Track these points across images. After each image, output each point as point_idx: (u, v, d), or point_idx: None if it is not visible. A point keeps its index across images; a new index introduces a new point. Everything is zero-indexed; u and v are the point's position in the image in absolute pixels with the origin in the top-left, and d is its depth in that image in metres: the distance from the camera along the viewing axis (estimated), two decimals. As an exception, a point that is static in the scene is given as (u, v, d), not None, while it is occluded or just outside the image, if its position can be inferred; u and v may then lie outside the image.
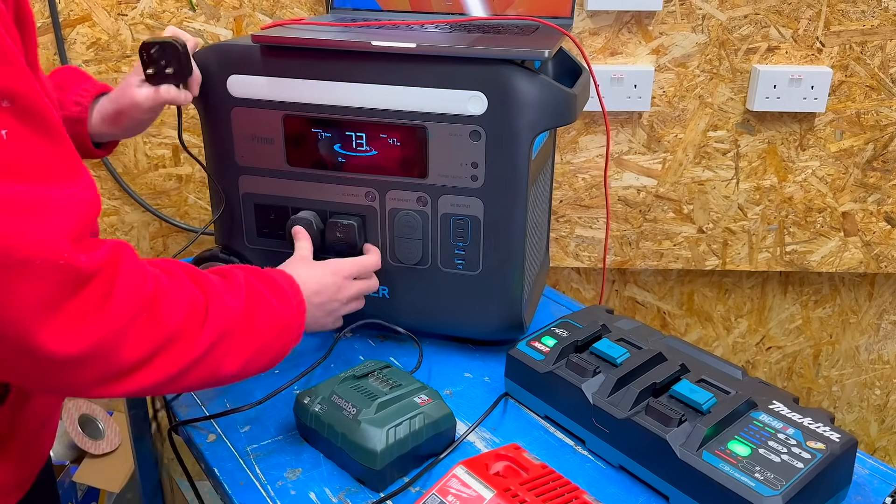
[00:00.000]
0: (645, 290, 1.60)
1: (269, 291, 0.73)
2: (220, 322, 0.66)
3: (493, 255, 0.91)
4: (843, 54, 1.35)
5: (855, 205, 1.45)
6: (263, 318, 0.71)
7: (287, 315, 0.74)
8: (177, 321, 0.62)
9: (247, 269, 0.75)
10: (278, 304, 0.73)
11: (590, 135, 1.42)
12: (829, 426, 0.73)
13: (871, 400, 1.67)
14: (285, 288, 0.75)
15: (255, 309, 0.70)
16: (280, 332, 0.73)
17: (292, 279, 0.78)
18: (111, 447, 1.56)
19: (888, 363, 1.63)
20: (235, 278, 0.71)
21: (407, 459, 0.77)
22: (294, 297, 0.76)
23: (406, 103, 0.86)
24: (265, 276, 0.75)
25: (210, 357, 0.65)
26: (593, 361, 0.82)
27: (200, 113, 0.94)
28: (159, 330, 0.60)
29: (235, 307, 0.68)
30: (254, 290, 0.71)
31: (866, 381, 1.65)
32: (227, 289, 0.69)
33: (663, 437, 0.72)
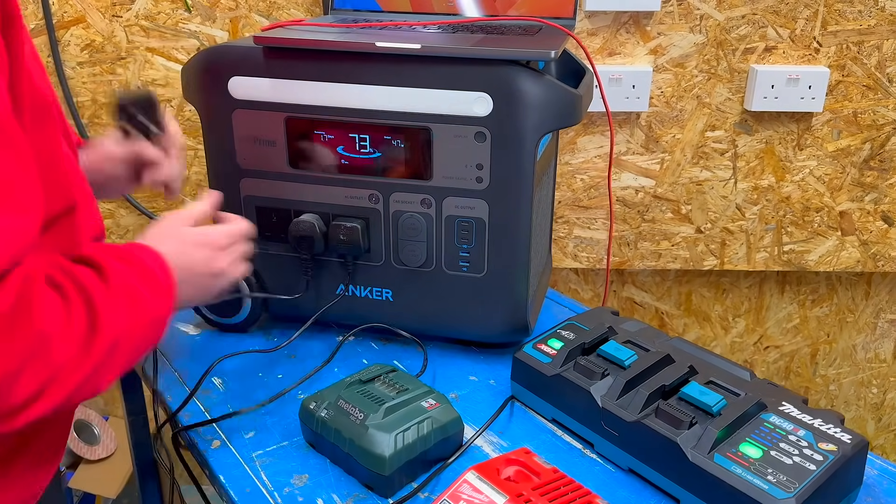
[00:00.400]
0: (643, 290, 1.60)
1: (143, 283, 0.67)
2: (106, 339, 0.61)
3: (498, 258, 0.90)
4: (840, 54, 1.36)
5: (852, 204, 1.45)
6: (141, 318, 0.66)
7: (160, 306, 0.68)
8: (68, 353, 0.58)
9: (112, 253, 0.68)
10: (151, 297, 0.67)
11: (588, 135, 1.42)
12: (840, 427, 0.72)
13: (868, 398, 1.67)
14: (157, 273, 0.69)
15: (133, 311, 0.65)
16: (154, 326, 0.68)
17: (162, 260, 0.71)
18: (107, 452, 1.54)
19: (885, 361, 1.64)
20: (114, 277, 0.64)
21: (415, 464, 0.76)
22: (165, 283, 0.70)
23: (410, 105, 0.85)
24: (137, 264, 0.68)
25: (94, 375, 0.61)
26: (601, 364, 0.82)
27: (201, 115, 0.93)
28: (50, 367, 0.57)
29: (121, 317, 0.63)
30: (130, 289, 0.65)
31: (863, 379, 1.66)
32: (110, 295, 0.63)
33: (674, 440, 0.72)
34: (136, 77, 1.36)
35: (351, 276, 0.94)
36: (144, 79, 1.36)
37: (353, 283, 0.95)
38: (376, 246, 0.93)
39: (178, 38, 1.35)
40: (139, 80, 1.36)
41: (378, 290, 0.95)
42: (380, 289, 0.95)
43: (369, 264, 0.94)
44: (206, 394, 0.89)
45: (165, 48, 1.35)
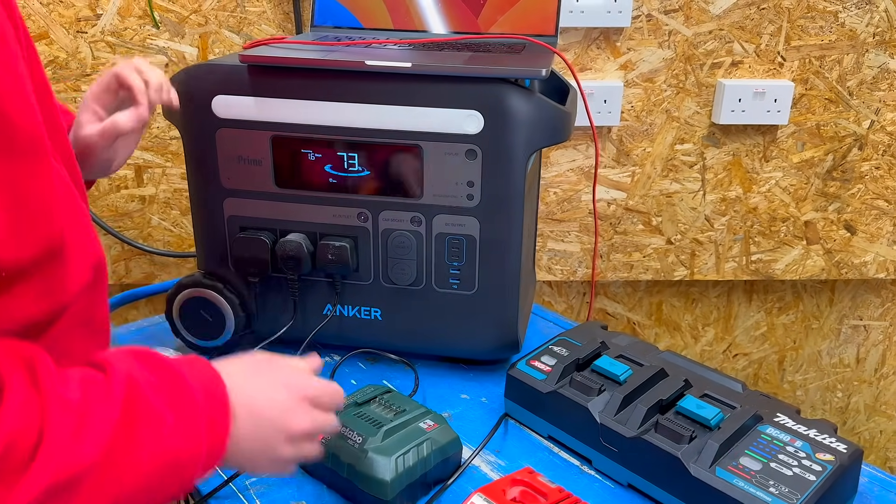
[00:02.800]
0: (615, 301, 1.61)
1: (172, 409, 0.50)
2: (51, 471, 0.44)
3: (489, 274, 0.90)
4: (803, 68, 1.39)
5: (816, 214, 1.49)
6: (144, 460, 0.48)
7: (188, 449, 0.51)
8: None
9: (148, 360, 0.53)
10: (176, 433, 0.50)
11: (561, 149, 1.43)
12: (835, 437, 0.74)
13: (834, 403, 1.72)
14: (198, 404, 0.52)
15: (132, 449, 0.48)
16: (171, 468, 0.50)
17: (223, 389, 0.54)
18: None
19: (848, 366, 1.68)
20: (113, 385, 0.49)
21: (415, 487, 0.75)
22: (211, 420, 0.52)
23: (400, 123, 0.85)
24: (175, 384, 0.52)
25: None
26: (597, 379, 0.82)
27: (183, 134, 0.91)
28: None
29: (91, 445, 0.46)
30: (136, 406, 0.49)
31: (828, 384, 1.70)
32: (89, 410, 0.47)
33: (675, 455, 0.72)
34: (102, 94, 1.32)
35: (339, 296, 0.93)
36: (111, 96, 1.33)
37: (341, 303, 0.94)
38: (365, 265, 0.92)
39: (146, 54, 1.32)
40: (105, 97, 1.33)
41: (367, 309, 0.94)
42: (368, 308, 0.94)
43: (358, 283, 0.93)
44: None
45: (135, 64, 1.32)
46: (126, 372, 0.50)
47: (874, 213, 1.49)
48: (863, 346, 1.66)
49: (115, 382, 0.48)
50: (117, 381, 0.49)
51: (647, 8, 1.35)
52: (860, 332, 1.65)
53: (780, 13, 1.36)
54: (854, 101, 1.41)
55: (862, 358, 1.67)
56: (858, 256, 1.52)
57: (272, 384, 0.59)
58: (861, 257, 1.52)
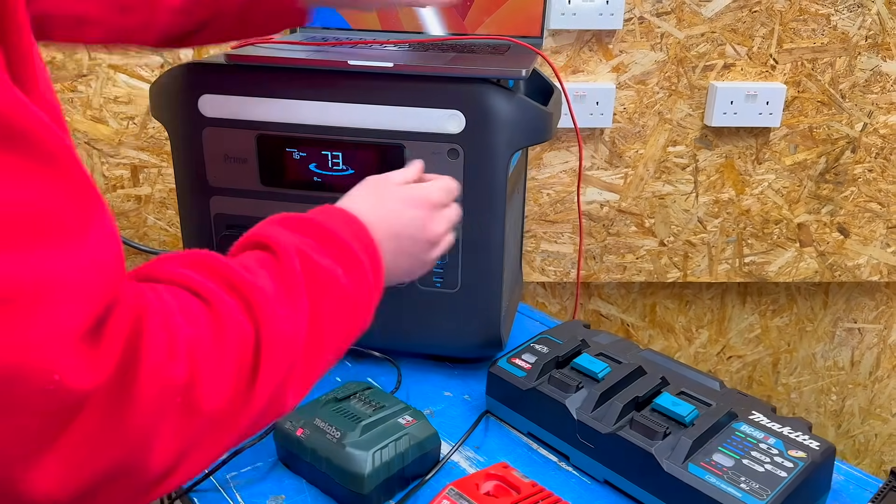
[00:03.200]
0: (609, 302, 1.62)
1: (334, 259, 0.54)
2: (277, 367, 0.48)
3: (471, 273, 0.91)
4: (795, 71, 1.40)
5: (809, 216, 1.50)
6: (333, 318, 0.53)
7: (363, 292, 0.55)
8: (221, 401, 0.45)
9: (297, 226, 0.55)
10: (349, 283, 0.54)
11: (554, 151, 1.44)
12: (808, 434, 0.74)
13: (828, 406, 1.71)
14: (354, 248, 0.55)
15: (320, 307, 0.52)
16: (355, 318, 0.55)
17: (362, 227, 0.58)
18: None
19: (843, 369, 1.68)
20: (288, 263, 0.51)
21: (393, 482, 0.76)
22: (368, 260, 0.56)
23: (383, 122, 0.86)
24: (331, 239, 0.55)
25: (266, 413, 0.49)
26: (575, 377, 0.83)
27: (170, 133, 0.92)
28: (195, 423, 0.44)
29: (298, 327, 0.50)
30: (315, 274, 0.52)
31: (823, 387, 1.70)
32: (284, 296, 0.50)
33: (649, 451, 0.73)
34: (98, 94, 1.34)
35: (323, 294, 0.94)
36: (106, 96, 1.35)
37: (326, 301, 0.95)
38: (349, 263, 0.93)
39: (142, 54, 1.34)
40: (101, 98, 1.35)
41: (351, 307, 0.95)
42: (353, 306, 0.95)
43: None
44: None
45: (128, 65, 1.34)
46: (293, 245, 0.52)
47: (867, 216, 1.49)
48: (857, 348, 1.66)
49: (289, 260, 0.51)
50: (290, 257, 0.51)
51: (639, 10, 1.35)
52: (854, 335, 1.65)
53: (772, 16, 1.36)
54: (847, 104, 1.42)
55: (856, 361, 1.67)
56: (852, 259, 1.52)
57: (401, 206, 0.64)
58: (854, 260, 1.52)
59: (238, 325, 0.47)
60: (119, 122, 1.37)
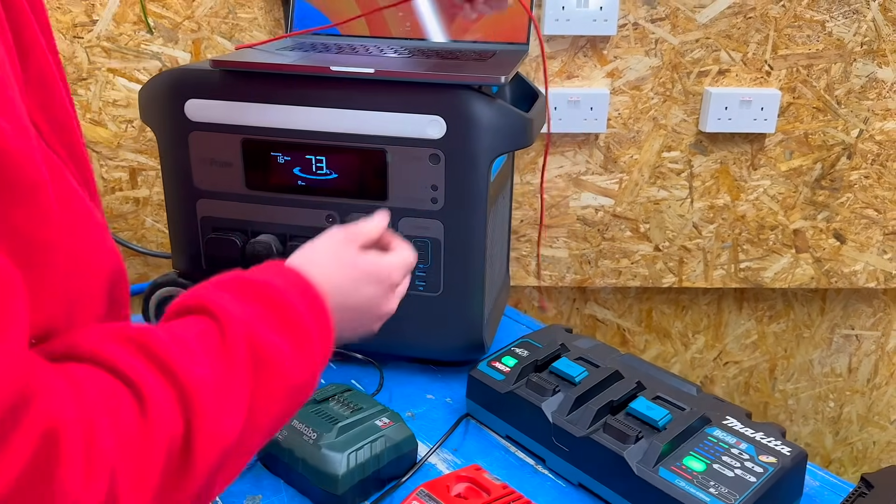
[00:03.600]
0: (605, 307, 1.62)
1: (288, 339, 0.51)
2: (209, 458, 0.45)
3: (453, 277, 0.92)
4: (790, 77, 1.40)
5: (805, 222, 1.49)
6: (272, 394, 0.50)
7: (306, 373, 0.52)
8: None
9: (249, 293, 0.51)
10: (295, 364, 0.51)
11: (548, 156, 1.44)
12: (781, 440, 0.74)
13: (826, 412, 1.71)
14: (308, 325, 0.53)
15: (260, 391, 0.48)
16: (296, 393, 0.52)
17: (320, 299, 0.55)
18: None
19: (840, 376, 1.67)
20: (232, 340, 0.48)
21: (368, 483, 0.77)
22: (321, 334, 0.54)
23: (365, 127, 0.87)
24: (284, 311, 0.52)
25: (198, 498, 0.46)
26: (552, 380, 0.83)
27: (158, 137, 0.94)
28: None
29: (235, 425, 0.47)
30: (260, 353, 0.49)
31: (820, 394, 1.69)
32: (225, 392, 0.46)
33: (620, 455, 0.73)
34: (97, 98, 1.36)
35: (308, 296, 0.95)
36: (105, 99, 1.37)
37: (311, 303, 0.96)
38: (333, 266, 0.94)
39: (140, 59, 1.36)
40: (100, 101, 1.37)
41: (335, 309, 0.96)
42: (337, 308, 0.96)
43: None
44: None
45: (127, 69, 1.36)
46: (241, 321, 0.49)
47: (864, 223, 1.48)
48: (855, 355, 1.65)
49: (236, 340, 0.48)
50: (237, 338, 0.48)
51: (633, 16, 1.36)
52: (852, 342, 1.64)
53: (766, 22, 1.36)
54: (842, 110, 1.41)
55: (854, 368, 1.66)
56: (848, 265, 1.52)
57: (360, 280, 0.62)
58: (851, 266, 1.52)
59: (169, 421, 0.43)
60: (118, 125, 1.39)
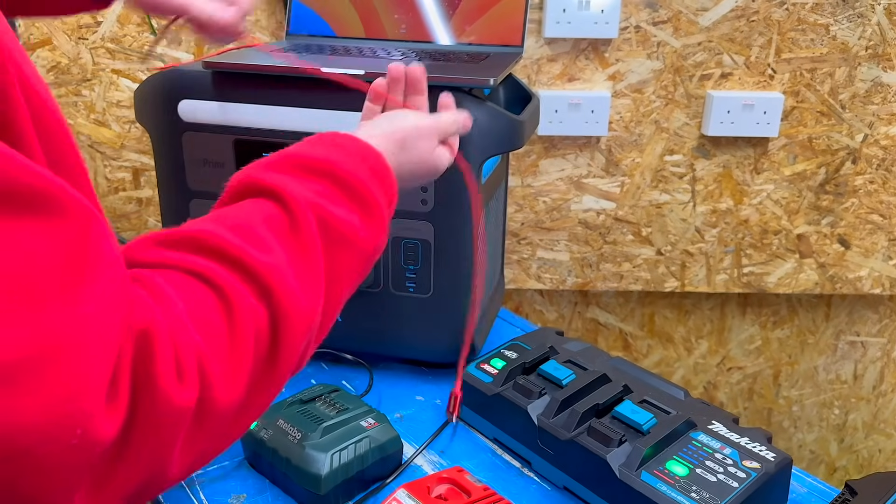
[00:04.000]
0: (607, 311, 1.62)
1: (349, 206, 0.54)
2: (295, 342, 0.48)
3: (443, 279, 0.92)
4: (794, 81, 1.39)
5: (809, 227, 1.48)
6: (346, 267, 0.53)
7: (376, 239, 0.56)
8: (236, 397, 0.45)
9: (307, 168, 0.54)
10: (365, 234, 0.55)
11: (549, 158, 1.44)
12: (766, 446, 0.74)
13: (831, 420, 1.69)
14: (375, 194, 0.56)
15: (335, 266, 0.52)
16: (368, 262, 0.57)
17: (383, 162, 0.59)
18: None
19: (846, 383, 1.66)
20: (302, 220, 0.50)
21: (352, 484, 0.77)
22: (386, 198, 0.58)
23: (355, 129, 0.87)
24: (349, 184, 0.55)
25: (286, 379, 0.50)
26: (539, 383, 0.83)
27: (152, 137, 0.95)
28: (209, 425, 0.44)
29: (315, 302, 0.50)
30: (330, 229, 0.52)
31: (825, 400, 1.67)
32: (301, 274, 0.49)
33: (603, 458, 0.73)
34: (101, 98, 1.38)
35: (300, 297, 0.96)
36: (109, 100, 1.38)
37: (303, 304, 0.96)
38: (324, 267, 0.94)
39: (145, 60, 1.37)
40: (104, 102, 1.38)
41: (327, 310, 0.96)
42: (328, 309, 0.96)
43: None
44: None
45: (131, 70, 1.37)
46: (307, 201, 0.51)
47: (868, 228, 1.47)
48: (860, 362, 1.63)
49: (306, 221, 0.50)
50: (306, 219, 0.51)
51: (635, 19, 1.36)
52: (857, 349, 1.62)
53: (770, 25, 1.36)
54: (847, 115, 1.40)
55: (860, 374, 1.65)
56: (853, 271, 1.50)
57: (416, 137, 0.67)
58: (856, 272, 1.50)
59: (253, 313, 0.45)
60: (121, 125, 1.40)
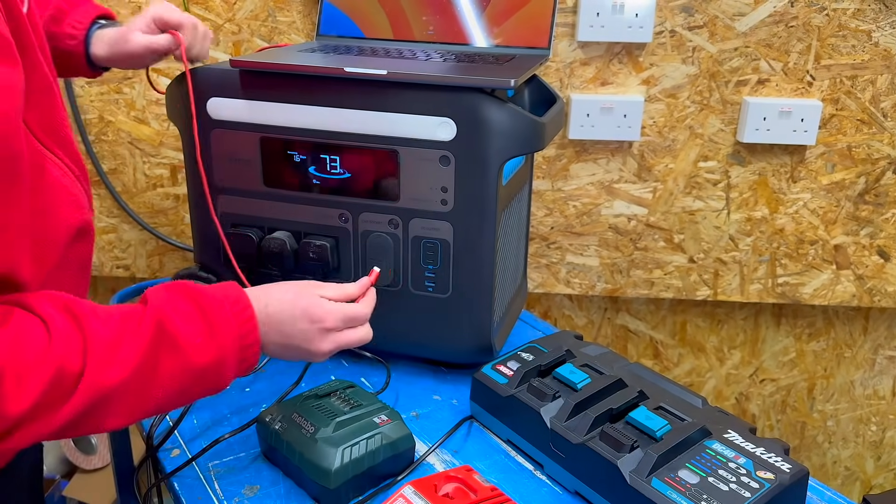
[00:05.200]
0: (637, 318, 1.60)
1: (196, 325, 0.65)
2: (92, 391, 0.59)
3: (462, 279, 0.92)
4: (833, 88, 1.36)
5: (847, 238, 1.44)
6: (171, 366, 0.63)
7: (213, 353, 0.65)
8: (24, 405, 0.56)
9: (183, 292, 0.66)
10: (202, 342, 0.64)
11: (580, 162, 1.43)
12: (782, 457, 0.72)
13: (867, 436, 1.64)
14: (221, 318, 0.66)
15: (158, 359, 0.62)
16: (200, 375, 0.65)
17: (246, 304, 0.68)
18: (103, 462, 1.58)
19: (884, 398, 1.61)
20: (146, 318, 0.63)
21: (363, 479, 0.77)
22: (237, 328, 0.66)
23: (378, 128, 0.88)
24: (200, 303, 0.66)
25: (83, 422, 0.60)
26: (554, 386, 0.83)
27: (182, 134, 0.97)
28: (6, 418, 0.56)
29: (124, 368, 0.60)
30: (167, 332, 0.63)
31: (862, 416, 1.63)
32: (123, 342, 0.61)
33: (614, 463, 0.72)
34: (140, 97, 1.41)
35: (321, 294, 0.97)
36: (149, 99, 1.41)
37: (324, 301, 0.97)
38: (345, 264, 0.95)
39: (182, 60, 1.40)
40: (144, 99, 1.41)
41: (347, 307, 0.97)
42: (349, 307, 0.97)
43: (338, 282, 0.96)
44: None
45: (170, 69, 1.40)
46: (161, 304, 0.64)
47: (909, 240, 1.43)
48: (899, 378, 1.59)
49: (150, 314, 0.63)
50: (151, 312, 0.63)
51: (670, 23, 1.34)
52: (896, 364, 1.58)
53: (809, 31, 1.33)
54: (888, 123, 1.37)
55: (899, 391, 1.60)
56: (893, 284, 1.46)
57: (297, 316, 0.72)
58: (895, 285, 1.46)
59: (69, 352, 0.58)
60: (160, 123, 1.43)
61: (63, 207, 0.70)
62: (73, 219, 0.72)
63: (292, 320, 0.72)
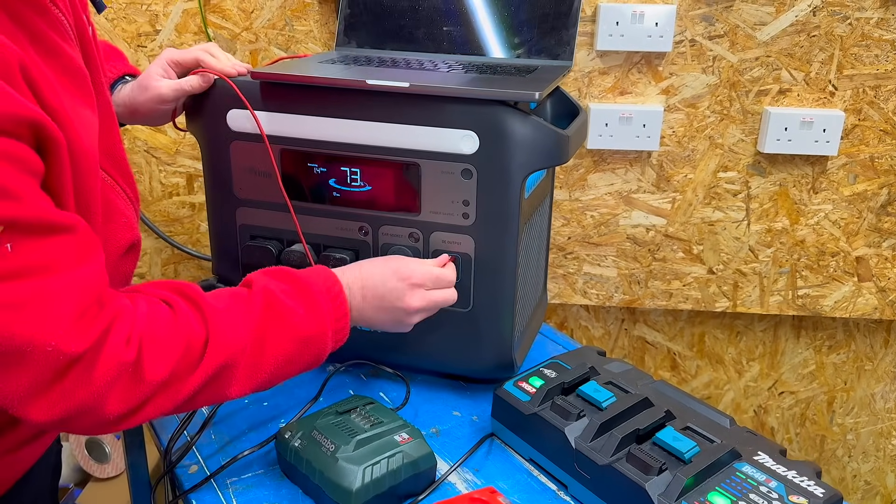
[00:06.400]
0: (655, 329, 1.58)
1: (298, 301, 0.73)
2: (218, 357, 0.67)
3: (483, 293, 0.90)
4: (856, 98, 1.34)
5: (869, 249, 1.43)
6: (280, 336, 0.71)
7: (315, 325, 0.73)
8: (163, 373, 0.63)
9: (279, 275, 0.75)
10: (305, 315, 0.73)
11: (598, 172, 1.42)
12: (815, 480, 0.71)
13: (888, 450, 1.62)
14: (318, 294, 0.74)
15: (269, 329, 0.70)
16: (305, 344, 0.73)
17: (335, 281, 0.77)
18: (116, 471, 1.57)
19: (905, 413, 1.59)
20: (254, 295, 0.72)
21: (384, 499, 0.76)
22: (330, 303, 0.75)
23: (399, 140, 0.87)
24: (297, 283, 0.75)
25: (209, 389, 0.67)
26: (578, 404, 0.81)
27: (201, 145, 0.96)
28: (141, 387, 0.63)
29: (242, 335, 0.69)
30: (273, 306, 0.71)
31: (882, 430, 1.61)
32: (236, 314, 0.69)
33: (642, 486, 0.71)
34: (157, 105, 1.40)
35: (340, 307, 0.95)
36: (165, 107, 1.40)
37: (343, 314, 0.96)
38: (365, 278, 0.94)
39: (199, 69, 1.39)
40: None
41: (367, 321, 0.96)
42: (369, 320, 0.96)
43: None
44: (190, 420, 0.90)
45: (186, 78, 1.39)
46: (265, 284, 0.73)
47: (933, 252, 1.41)
48: (921, 392, 1.57)
49: (256, 292, 0.72)
50: (258, 290, 0.73)
51: (690, 33, 1.33)
52: (918, 378, 1.56)
53: (831, 41, 1.31)
54: (912, 134, 1.35)
55: (920, 405, 1.58)
56: (915, 297, 1.44)
57: (388, 276, 0.81)
58: (918, 298, 1.44)
59: (193, 325, 0.67)
60: (176, 132, 1.42)
61: (119, 229, 0.77)
62: (124, 239, 0.79)
63: (383, 280, 0.80)
